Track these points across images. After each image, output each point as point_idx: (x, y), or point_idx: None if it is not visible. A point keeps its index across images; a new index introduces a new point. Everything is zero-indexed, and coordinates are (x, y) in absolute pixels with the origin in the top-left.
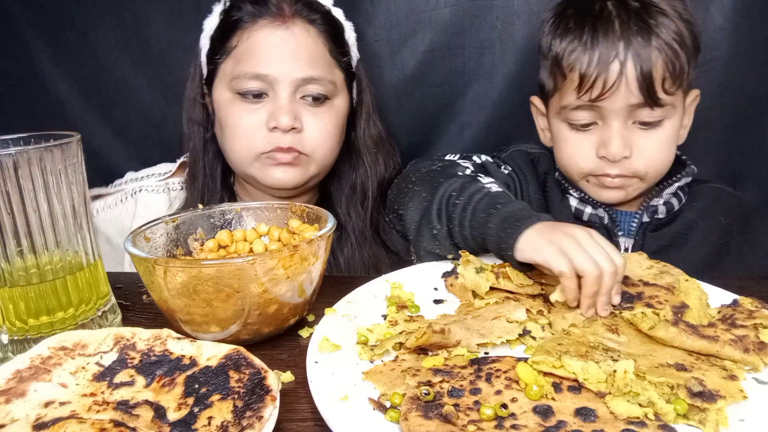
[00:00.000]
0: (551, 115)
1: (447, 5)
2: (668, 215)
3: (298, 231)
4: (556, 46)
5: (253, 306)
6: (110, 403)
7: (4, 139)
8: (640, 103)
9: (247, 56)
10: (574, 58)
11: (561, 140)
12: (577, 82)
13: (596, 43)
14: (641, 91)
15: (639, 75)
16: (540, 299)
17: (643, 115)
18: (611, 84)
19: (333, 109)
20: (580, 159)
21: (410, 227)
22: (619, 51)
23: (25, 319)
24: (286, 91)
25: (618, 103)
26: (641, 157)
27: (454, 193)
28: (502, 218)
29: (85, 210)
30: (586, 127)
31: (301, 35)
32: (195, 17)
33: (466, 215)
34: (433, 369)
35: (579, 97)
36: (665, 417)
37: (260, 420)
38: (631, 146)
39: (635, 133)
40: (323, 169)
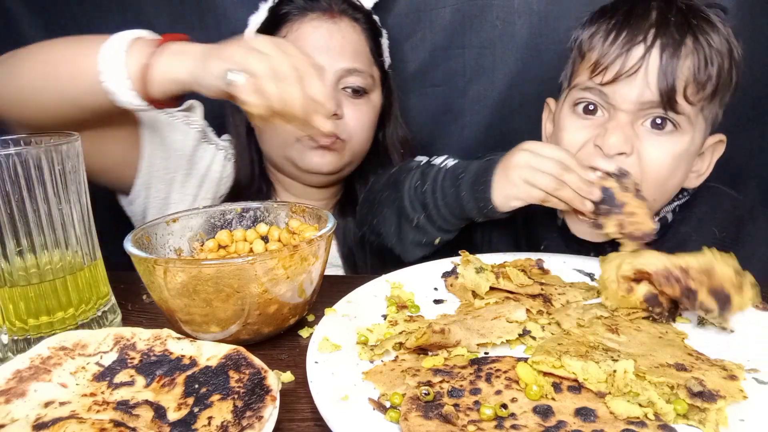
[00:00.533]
0: (560, 106)
1: (447, 5)
2: (661, 230)
3: (298, 231)
4: (581, 33)
5: (253, 306)
6: (110, 403)
7: (4, 139)
8: (654, 103)
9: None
10: (596, 40)
11: (561, 129)
12: (593, 61)
13: (624, 26)
14: (660, 87)
15: (663, 68)
16: (540, 299)
17: (650, 121)
18: (629, 68)
19: (370, 103)
20: (576, 146)
21: (391, 230)
22: (648, 36)
23: (25, 319)
24: (330, 80)
25: (631, 95)
26: (642, 162)
27: (418, 183)
28: (470, 184)
29: (86, 210)
30: (589, 113)
31: (347, 30)
32: (197, 16)
33: (437, 197)
34: (433, 369)
35: (591, 77)
36: (665, 417)
37: (260, 420)
38: (632, 145)
39: (642, 135)
40: (356, 158)
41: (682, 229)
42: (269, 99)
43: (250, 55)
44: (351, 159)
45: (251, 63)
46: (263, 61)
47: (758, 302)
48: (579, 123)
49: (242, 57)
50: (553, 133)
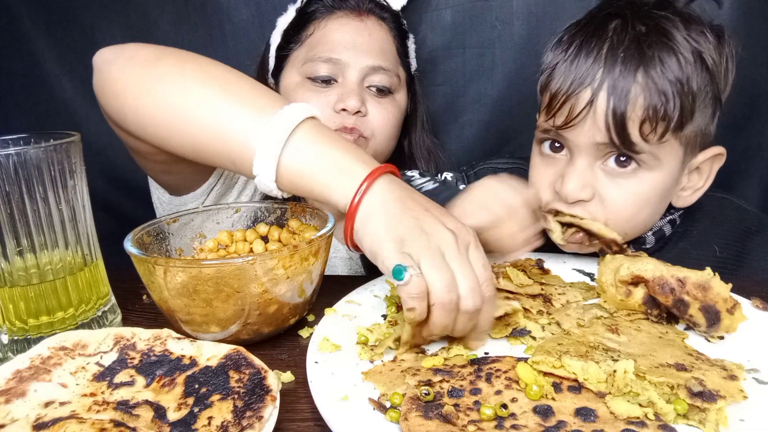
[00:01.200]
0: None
1: (447, 6)
2: (657, 243)
3: (298, 231)
4: (546, 59)
5: (253, 306)
6: (110, 403)
7: (4, 139)
8: (608, 145)
9: (322, 42)
10: (548, 77)
11: (532, 167)
12: (546, 102)
13: (576, 65)
14: (609, 130)
15: (609, 111)
16: (540, 299)
17: (613, 159)
18: (576, 114)
19: (395, 103)
20: (539, 188)
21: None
22: (595, 78)
23: (25, 319)
24: (355, 76)
25: (582, 139)
26: (606, 205)
27: None
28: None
29: (86, 210)
30: (555, 151)
31: (374, 28)
32: (201, 17)
33: None
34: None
35: (546, 120)
36: (665, 417)
37: (260, 420)
38: (594, 190)
39: (602, 177)
40: (380, 158)
41: (681, 245)
42: (431, 325)
43: (434, 261)
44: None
45: (432, 275)
46: (444, 277)
47: (758, 302)
48: (544, 162)
49: (425, 257)
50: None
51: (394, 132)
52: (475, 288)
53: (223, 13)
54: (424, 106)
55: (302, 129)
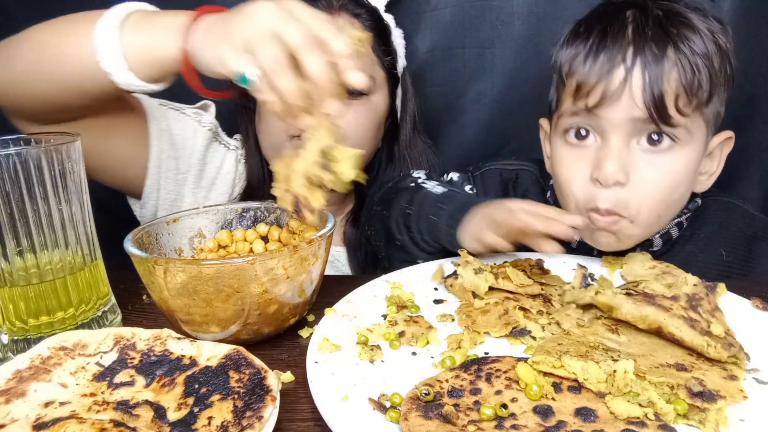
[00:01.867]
0: (553, 135)
1: (447, 6)
2: (665, 246)
3: (298, 231)
4: (561, 56)
5: (253, 306)
6: (110, 403)
7: (4, 139)
8: (645, 119)
9: None
10: (576, 63)
11: (557, 163)
12: (575, 85)
13: (602, 47)
14: (647, 104)
15: (647, 85)
16: (540, 299)
17: (645, 138)
18: (612, 91)
19: (369, 105)
20: (573, 182)
21: (381, 244)
22: (627, 56)
23: (25, 319)
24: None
25: (619, 115)
26: (639, 187)
27: (406, 204)
28: (446, 218)
29: (86, 210)
30: (581, 139)
31: (345, 27)
32: None
33: (421, 222)
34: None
35: (575, 102)
36: (665, 417)
37: (260, 420)
38: (628, 171)
39: (636, 155)
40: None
41: (688, 248)
42: (285, 97)
43: (260, 42)
44: None
45: (261, 52)
46: (273, 47)
47: (758, 302)
48: (573, 153)
49: (253, 43)
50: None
51: (369, 136)
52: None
53: None
54: (415, 106)
55: (131, 18)
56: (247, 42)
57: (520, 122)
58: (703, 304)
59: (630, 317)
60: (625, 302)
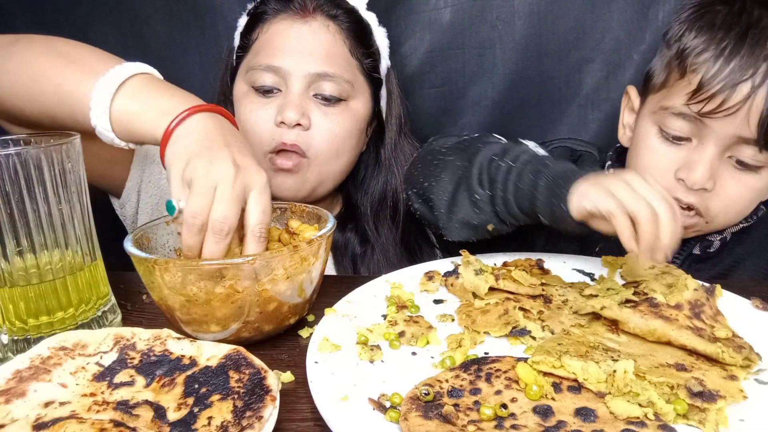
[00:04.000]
0: (644, 113)
1: (447, 5)
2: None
3: (298, 231)
4: (687, 38)
5: (253, 306)
6: (110, 403)
7: (4, 139)
8: (750, 140)
9: (264, 49)
10: (702, 60)
11: (643, 146)
12: (694, 87)
13: (736, 54)
14: (759, 127)
15: (766, 109)
16: (540, 300)
17: (745, 153)
18: (731, 105)
19: (348, 112)
20: (656, 173)
21: (441, 199)
22: (758, 73)
23: (25, 319)
24: (297, 85)
25: (727, 129)
26: (721, 197)
27: (496, 156)
28: (553, 176)
29: (85, 210)
30: (678, 140)
31: (320, 30)
32: (193, 16)
33: (510, 177)
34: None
35: (688, 103)
36: (665, 417)
37: (260, 420)
38: (715, 180)
39: (727, 170)
40: (328, 178)
41: (738, 251)
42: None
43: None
44: (319, 179)
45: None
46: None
47: (758, 302)
48: (664, 149)
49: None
50: (634, 141)
51: (347, 146)
52: (226, 217)
53: (215, 13)
54: (402, 108)
55: (131, 82)
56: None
57: (522, 124)
58: (705, 310)
59: (638, 331)
60: (632, 317)
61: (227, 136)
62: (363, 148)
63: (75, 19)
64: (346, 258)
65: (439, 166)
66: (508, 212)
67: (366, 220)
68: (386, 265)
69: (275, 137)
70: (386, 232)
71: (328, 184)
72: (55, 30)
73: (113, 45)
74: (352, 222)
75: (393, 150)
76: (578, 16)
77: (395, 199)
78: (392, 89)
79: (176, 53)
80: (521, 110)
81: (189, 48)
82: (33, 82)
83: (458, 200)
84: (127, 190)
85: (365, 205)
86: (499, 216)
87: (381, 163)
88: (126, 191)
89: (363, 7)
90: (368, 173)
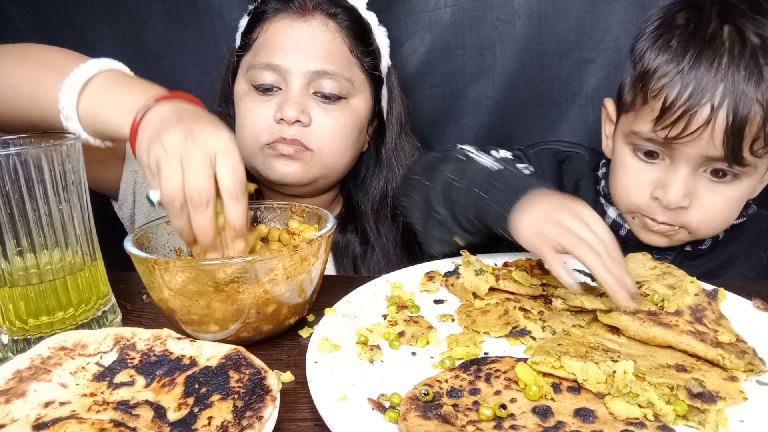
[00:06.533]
0: (618, 132)
1: (447, 5)
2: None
3: (298, 231)
4: (649, 59)
5: (253, 306)
6: (110, 403)
7: (4, 139)
8: (718, 158)
9: (264, 47)
10: (663, 84)
11: (620, 164)
12: (658, 113)
13: (693, 78)
14: (725, 146)
15: (728, 128)
16: (540, 300)
17: (717, 168)
18: (694, 129)
19: (348, 109)
20: (633, 192)
21: (417, 218)
22: (716, 94)
23: (25, 319)
24: (297, 83)
25: (694, 151)
26: (699, 210)
27: (454, 176)
28: (502, 196)
29: (85, 210)
30: (651, 157)
31: (319, 29)
32: (192, 16)
33: (469, 197)
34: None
35: (654, 130)
36: (665, 418)
37: (260, 420)
38: (692, 196)
39: (701, 184)
40: (331, 171)
41: (731, 248)
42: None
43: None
44: (323, 172)
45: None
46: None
47: (759, 303)
48: (639, 166)
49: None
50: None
51: (348, 142)
52: (199, 187)
53: (214, 13)
54: (403, 107)
55: (95, 81)
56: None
57: (522, 124)
58: (707, 314)
59: (638, 337)
60: (631, 324)
61: (183, 114)
62: (364, 148)
63: (74, 19)
64: (347, 258)
65: (411, 185)
66: (475, 228)
67: (367, 220)
68: (386, 265)
69: (274, 132)
70: (387, 232)
71: (332, 177)
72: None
73: (112, 45)
74: (353, 222)
75: (394, 149)
76: (578, 16)
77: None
78: (393, 88)
79: (175, 53)
80: (521, 110)
81: (188, 48)
82: (7, 89)
83: (429, 220)
84: (122, 191)
85: (366, 204)
86: (469, 232)
87: (382, 162)
88: (121, 193)
89: (363, 6)
90: (369, 172)
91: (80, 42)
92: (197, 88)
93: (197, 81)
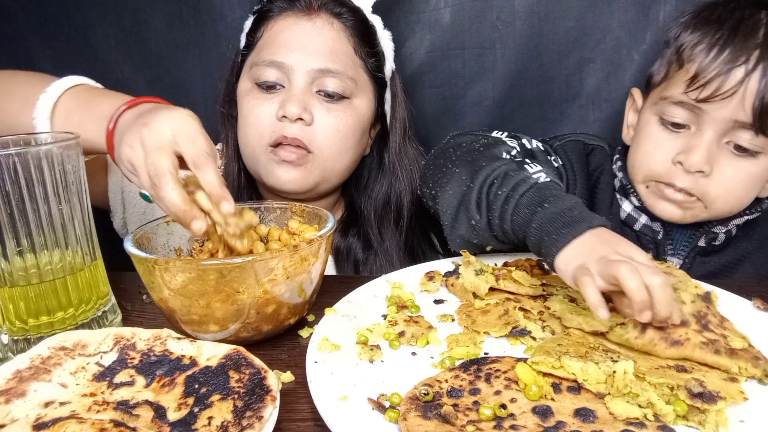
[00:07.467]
0: (646, 107)
1: (447, 5)
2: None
3: (298, 231)
4: (684, 36)
5: (253, 306)
6: (110, 403)
7: (4, 139)
8: (746, 124)
9: (268, 45)
10: (698, 50)
11: (644, 135)
12: (691, 75)
13: (729, 43)
14: (754, 110)
15: (760, 92)
16: (540, 300)
17: (742, 138)
18: (726, 89)
19: (351, 109)
20: (654, 159)
21: (446, 212)
22: (750, 59)
23: (25, 319)
24: (300, 81)
25: (723, 113)
26: (719, 180)
27: (497, 181)
28: (547, 219)
29: (85, 210)
30: (677, 127)
31: (324, 27)
32: (194, 17)
33: (508, 209)
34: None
35: (686, 91)
36: (665, 418)
37: (260, 420)
38: (713, 164)
39: (723, 155)
40: (331, 174)
41: (743, 245)
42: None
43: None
44: (323, 176)
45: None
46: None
47: (759, 303)
48: (663, 136)
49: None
50: (636, 133)
51: (350, 143)
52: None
53: (216, 13)
54: (406, 111)
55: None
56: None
57: (522, 125)
58: (710, 318)
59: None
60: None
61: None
62: (366, 151)
63: (75, 20)
64: (348, 263)
65: (446, 175)
66: (506, 238)
67: (370, 225)
68: (389, 270)
69: (276, 130)
70: (390, 237)
71: (332, 180)
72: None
73: (114, 46)
74: (355, 227)
75: (397, 154)
76: (578, 16)
77: (399, 204)
78: (396, 92)
79: (176, 53)
80: (522, 110)
81: (189, 48)
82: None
83: (459, 218)
84: (112, 201)
85: (369, 209)
86: (498, 239)
87: (385, 167)
88: (111, 203)
89: (368, 8)
90: (372, 177)
91: (83, 42)
92: (199, 87)
93: (199, 81)
